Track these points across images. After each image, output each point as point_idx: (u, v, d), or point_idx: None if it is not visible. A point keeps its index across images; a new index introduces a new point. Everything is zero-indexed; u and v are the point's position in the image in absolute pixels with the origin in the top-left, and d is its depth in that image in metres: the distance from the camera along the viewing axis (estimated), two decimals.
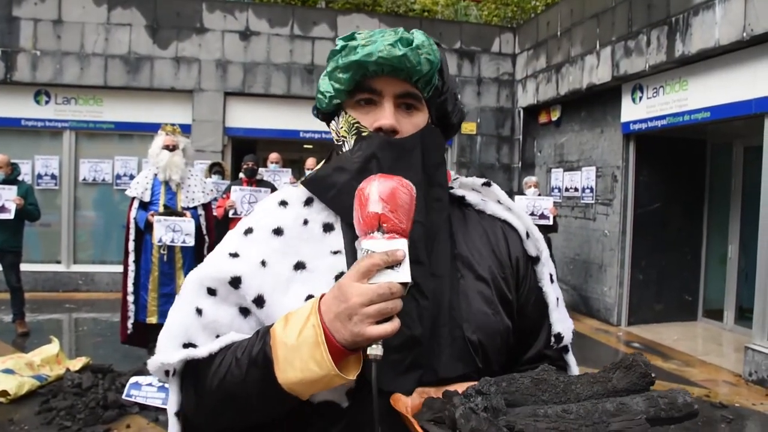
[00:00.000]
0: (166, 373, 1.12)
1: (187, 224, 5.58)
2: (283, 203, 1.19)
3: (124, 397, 4.69)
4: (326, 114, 1.22)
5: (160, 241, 5.52)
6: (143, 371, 5.22)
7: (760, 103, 5.94)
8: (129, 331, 5.71)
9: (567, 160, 9.55)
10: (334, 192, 1.13)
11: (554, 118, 9.80)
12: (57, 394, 4.75)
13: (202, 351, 1.05)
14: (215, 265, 1.13)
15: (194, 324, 1.10)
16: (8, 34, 9.09)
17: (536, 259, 1.25)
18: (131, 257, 5.70)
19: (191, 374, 1.09)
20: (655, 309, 8.37)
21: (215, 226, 6.35)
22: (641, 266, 8.27)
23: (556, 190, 9.74)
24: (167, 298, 5.70)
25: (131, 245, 5.70)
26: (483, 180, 1.32)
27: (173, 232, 5.54)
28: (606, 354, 7.02)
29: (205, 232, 5.91)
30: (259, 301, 1.08)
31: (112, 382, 4.98)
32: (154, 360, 1.10)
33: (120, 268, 6.53)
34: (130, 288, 5.67)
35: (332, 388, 0.98)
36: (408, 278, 0.90)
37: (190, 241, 5.59)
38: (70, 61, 9.29)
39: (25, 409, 4.57)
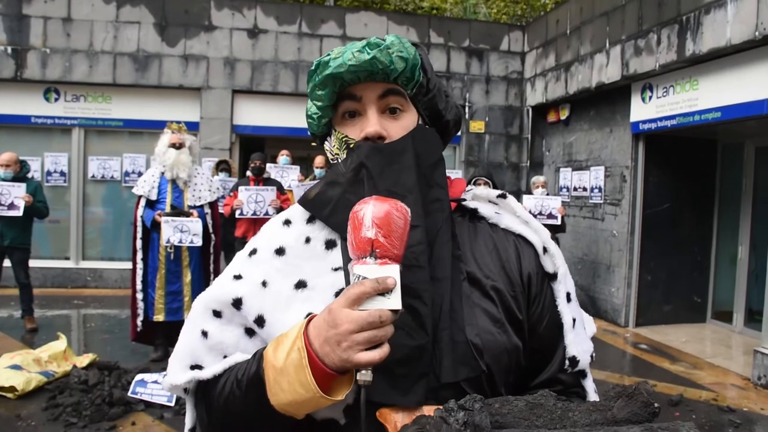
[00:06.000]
0: (185, 390, 1.16)
1: (195, 224, 5.60)
2: (287, 222, 1.21)
3: (129, 394, 4.71)
4: (321, 137, 1.22)
5: (168, 241, 5.54)
6: (149, 368, 5.25)
7: None
8: (138, 329, 5.75)
9: (576, 159, 9.50)
10: (329, 208, 1.14)
11: (563, 117, 9.75)
12: (63, 391, 4.77)
13: (206, 373, 1.10)
14: (220, 287, 1.16)
15: (200, 346, 1.13)
16: (18, 32, 9.14)
17: (553, 276, 1.21)
18: (139, 255, 5.73)
19: (202, 393, 1.13)
20: (663, 310, 8.31)
21: (222, 224, 6.37)
22: (650, 267, 8.21)
23: (564, 190, 9.69)
24: (174, 296, 5.73)
25: (138, 243, 5.73)
26: (498, 192, 1.28)
27: (181, 232, 5.56)
28: (613, 355, 6.98)
29: (211, 230, 5.93)
30: (260, 321, 1.10)
31: (118, 379, 4.99)
32: (166, 381, 1.16)
33: (128, 265, 6.56)
34: (139, 286, 5.71)
35: (331, 406, 0.98)
36: (398, 305, 0.89)
37: (198, 241, 5.62)
38: (79, 58, 9.33)
39: (32, 405, 4.61)
